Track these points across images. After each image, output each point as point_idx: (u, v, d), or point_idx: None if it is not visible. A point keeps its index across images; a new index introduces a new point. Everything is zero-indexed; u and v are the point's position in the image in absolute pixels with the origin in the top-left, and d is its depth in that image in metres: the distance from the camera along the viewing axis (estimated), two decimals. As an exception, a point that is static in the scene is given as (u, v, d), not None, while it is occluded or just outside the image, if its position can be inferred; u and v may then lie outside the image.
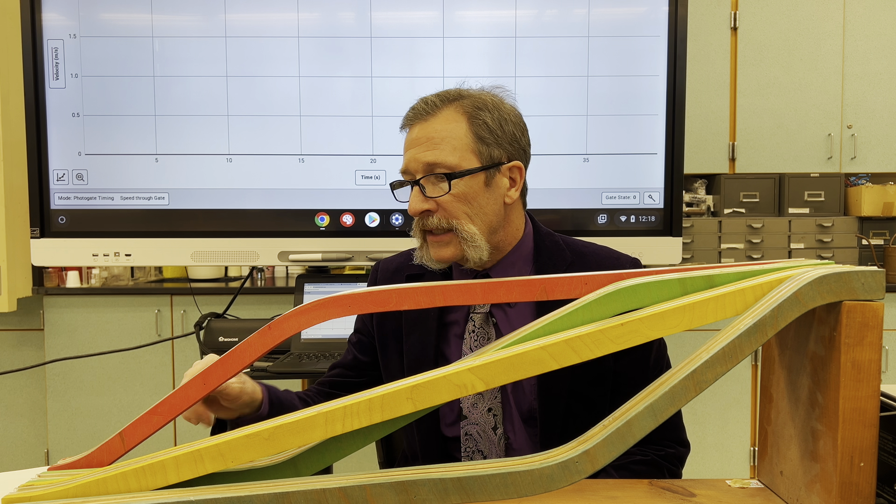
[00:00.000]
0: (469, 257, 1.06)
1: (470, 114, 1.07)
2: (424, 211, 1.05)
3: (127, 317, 2.77)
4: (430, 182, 1.05)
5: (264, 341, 0.84)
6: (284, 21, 1.84)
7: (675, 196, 1.89)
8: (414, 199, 1.06)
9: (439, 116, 1.07)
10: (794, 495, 0.76)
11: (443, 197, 1.04)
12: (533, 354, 0.71)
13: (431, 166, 1.05)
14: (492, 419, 1.07)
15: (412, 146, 1.07)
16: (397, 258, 1.23)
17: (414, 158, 1.06)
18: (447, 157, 1.05)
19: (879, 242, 2.95)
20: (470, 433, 1.08)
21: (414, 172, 1.06)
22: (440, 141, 1.05)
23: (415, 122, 1.08)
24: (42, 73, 1.83)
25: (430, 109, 1.07)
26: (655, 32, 1.86)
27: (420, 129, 1.07)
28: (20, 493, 0.72)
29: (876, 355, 0.67)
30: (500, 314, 1.10)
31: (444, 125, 1.06)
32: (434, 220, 1.05)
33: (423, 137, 1.06)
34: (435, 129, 1.06)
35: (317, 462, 0.79)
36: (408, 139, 1.08)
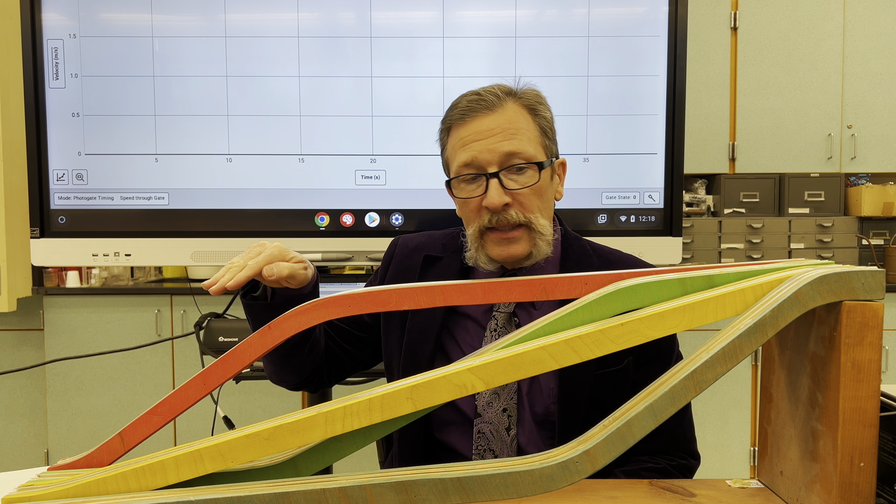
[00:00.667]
0: (537, 253, 1.05)
1: (532, 108, 1.06)
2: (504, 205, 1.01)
3: (127, 317, 2.77)
4: (509, 174, 1.02)
5: (264, 341, 0.84)
6: (284, 21, 1.84)
7: (675, 196, 1.89)
8: (496, 192, 1.01)
9: (507, 108, 1.04)
10: (794, 495, 0.76)
11: (522, 190, 1.02)
12: (533, 354, 0.71)
13: (510, 156, 1.01)
14: (506, 419, 1.06)
15: (482, 137, 1.02)
16: (418, 237, 1.21)
17: (489, 149, 1.01)
18: (526, 147, 1.02)
19: (879, 242, 2.95)
20: (483, 432, 1.07)
21: (486, 165, 1.02)
22: (516, 132, 1.02)
23: (479, 113, 1.03)
24: (42, 73, 1.83)
25: (497, 101, 1.04)
26: (655, 32, 1.86)
27: (490, 120, 1.02)
28: (20, 493, 0.72)
29: (876, 355, 0.67)
30: (524, 315, 1.09)
31: (514, 117, 1.03)
32: (514, 214, 1.02)
33: (496, 128, 1.02)
34: (507, 118, 1.03)
35: (317, 462, 0.79)
36: (470, 131, 1.03)
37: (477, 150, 1.02)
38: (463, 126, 1.05)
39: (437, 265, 1.15)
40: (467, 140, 1.04)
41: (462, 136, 1.05)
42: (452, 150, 1.07)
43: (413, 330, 1.11)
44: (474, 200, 1.04)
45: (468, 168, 1.04)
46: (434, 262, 1.15)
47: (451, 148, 1.08)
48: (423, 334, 1.10)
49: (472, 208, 1.05)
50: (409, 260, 1.17)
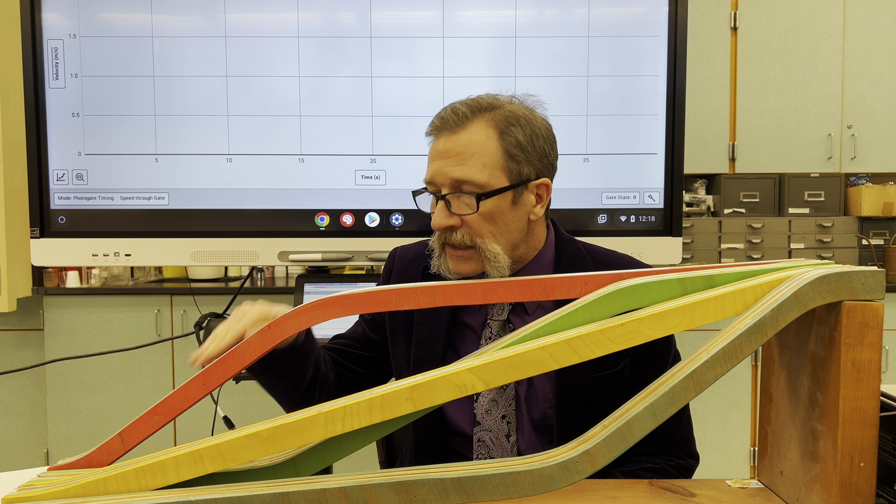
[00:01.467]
0: (489, 274, 1.04)
1: (501, 129, 1.02)
2: (448, 227, 1.02)
3: (127, 317, 2.77)
4: (455, 198, 1.02)
5: (264, 341, 0.84)
6: (284, 21, 1.84)
7: (675, 196, 1.89)
8: (439, 215, 1.02)
9: (469, 129, 1.02)
10: (794, 495, 0.76)
11: (469, 215, 1.02)
12: (533, 354, 0.71)
13: (459, 183, 1.01)
14: (505, 426, 1.07)
15: (438, 158, 1.02)
16: (415, 247, 1.21)
17: (440, 172, 1.01)
18: (476, 174, 1.00)
19: (879, 242, 2.95)
20: (483, 440, 1.07)
21: (439, 185, 1.02)
22: (469, 157, 1.01)
23: (442, 132, 1.03)
24: (42, 73, 1.83)
25: (461, 120, 1.02)
26: (655, 32, 1.86)
27: (448, 141, 1.02)
28: (20, 493, 0.72)
29: (876, 355, 0.67)
30: (518, 322, 1.09)
31: (474, 139, 1.01)
32: (458, 237, 1.02)
33: (451, 151, 1.01)
34: (464, 142, 1.01)
35: (317, 462, 0.79)
36: (434, 149, 1.04)
37: (433, 171, 1.03)
38: (434, 141, 1.06)
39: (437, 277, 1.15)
40: (431, 157, 1.05)
41: (430, 151, 1.06)
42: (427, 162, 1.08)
43: (419, 342, 1.11)
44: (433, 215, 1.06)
45: (430, 185, 1.05)
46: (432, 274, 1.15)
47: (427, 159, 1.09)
48: (429, 346, 1.10)
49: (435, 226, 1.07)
50: (409, 271, 1.18)
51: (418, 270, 1.16)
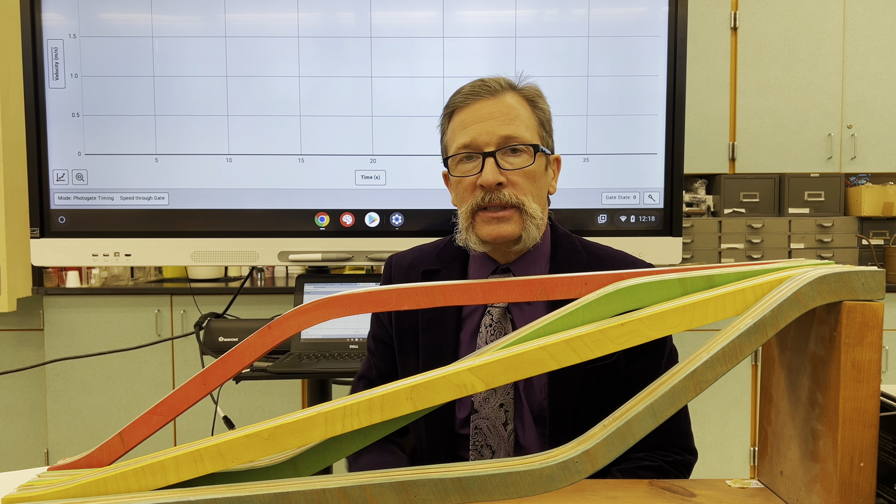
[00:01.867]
0: (527, 237, 1.06)
1: (531, 101, 1.09)
2: (498, 184, 1.04)
3: (127, 317, 2.77)
4: (504, 155, 1.05)
5: (264, 341, 0.84)
6: (284, 21, 1.84)
7: (675, 196, 1.89)
8: (491, 170, 1.03)
9: (508, 96, 1.07)
10: (794, 495, 0.76)
11: (516, 171, 1.05)
12: (533, 354, 0.71)
13: (508, 139, 1.05)
14: (503, 415, 1.07)
15: (483, 119, 1.06)
16: (410, 253, 1.22)
17: (488, 131, 1.05)
18: (524, 132, 1.06)
19: (879, 242, 2.95)
20: (480, 427, 1.08)
21: (483, 146, 1.05)
22: (515, 117, 1.06)
23: (482, 98, 1.07)
24: (42, 73, 1.83)
25: (499, 88, 1.07)
26: (655, 32, 1.86)
27: (491, 105, 1.06)
28: (20, 493, 0.72)
29: (876, 355, 0.67)
30: (516, 310, 1.10)
31: (515, 105, 1.07)
32: (506, 194, 1.04)
33: (496, 112, 1.06)
34: (507, 105, 1.06)
35: (317, 462, 0.79)
36: (471, 114, 1.07)
37: (476, 132, 1.05)
38: (465, 109, 1.08)
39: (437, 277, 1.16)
40: (468, 122, 1.07)
41: (463, 119, 1.08)
42: (452, 134, 1.10)
43: (427, 350, 1.11)
44: (469, 179, 1.06)
45: (466, 148, 1.06)
46: (433, 275, 1.16)
47: (452, 131, 1.10)
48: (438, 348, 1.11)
49: (467, 187, 1.07)
50: (408, 278, 1.18)
51: (417, 275, 1.17)
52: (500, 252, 1.11)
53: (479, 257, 1.13)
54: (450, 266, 1.16)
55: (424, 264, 1.17)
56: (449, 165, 1.10)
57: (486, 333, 1.09)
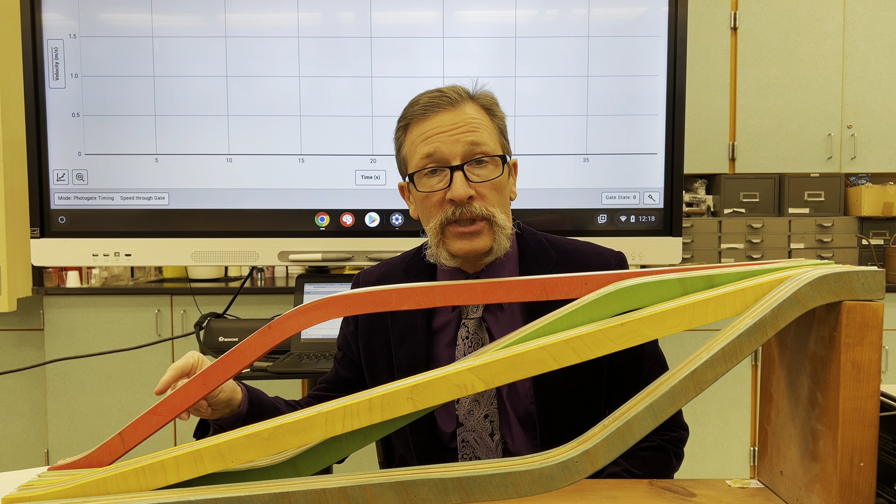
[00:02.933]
0: (497, 247, 1.05)
1: (489, 110, 1.08)
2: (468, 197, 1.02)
3: (127, 317, 2.77)
4: (472, 168, 1.03)
5: (264, 341, 0.84)
6: (284, 21, 1.84)
7: (675, 196, 1.89)
8: (461, 184, 1.01)
9: (467, 107, 1.06)
10: (794, 495, 0.76)
11: (484, 183, 1.03)
12: (533, 354, 0.71)
13: (474, 146, 1.02)
14: (489, 425, 1.07)
15: (445, 131, 1.03)
16: (377, 269, 1.20)
17: (452, 141, 1.02)
18: (488, 141, 1.04)
19: (879, 242, 2.95)
20: (467, 440, 1.07)
21: (449, 158, 1.02)
22: (478, 127, 1.04)
23: (441, 109, 1.04)
24: (42, 73, 1.83)
25: (458, 99, 1.05)
26: (655, 32, 1.86)
27: (453, 116, 1.04)
28: (20, 493, 0.72)
29: (876, 355, 0.67)
30: (491, 318, 1.08)
31: (475, 115, 1.05)
32: (476, 208, 1.02)
33: (458, 122, 1.03)
34: (468, 115, 1.04)
35: (317, 462, 0.79)
36: (432, 126, 1.04)
37: (440, 142, 1.03)
38: (424, 121, 1.05)
39: None
40: (429, 134, 1.04)
41: (424, 130, 1.05)
42: (412, 146, 1.07)
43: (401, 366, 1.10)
44: (437, 194, 1.04)
45: (430, 160, 1.04)
46: None
47: (411, 143, 1.07)
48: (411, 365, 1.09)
49: (435, 202, 1.04)
50: None
51: None
52: (470, 263, 1.09)
53: (448, 270, 1.11)
54: (417, 279, 1.13)
55: (392, 279, 1.14)
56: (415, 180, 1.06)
57: (463, 346, 1.08)
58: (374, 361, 1.13)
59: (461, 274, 1.11)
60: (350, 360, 1.18)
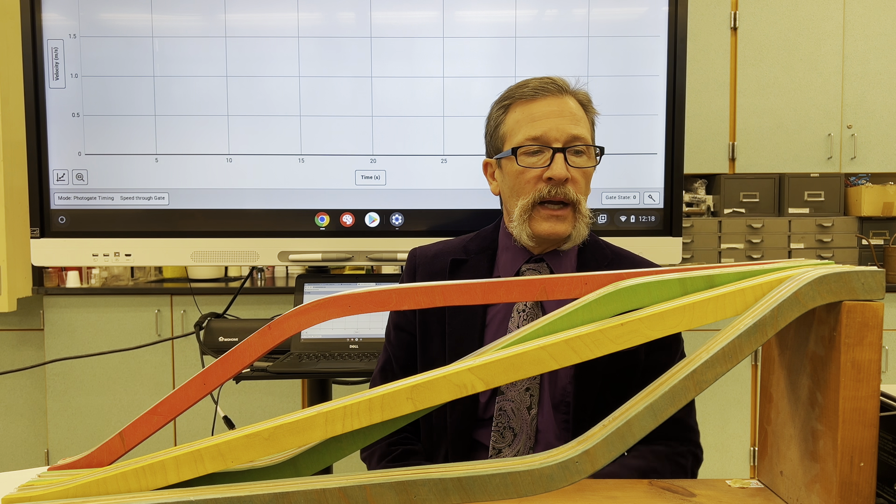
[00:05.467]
0: (576, 235, 1.11)
1: (585, 105, 1.14)
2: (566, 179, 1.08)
3: (127, 317, 2.77)
4: (573, 153, 1.09)
5: (264, 341, 0.84)
6: (284, 21, 1.84)
7: (675, 196, 1.89)
8: (561, 165, 1.07)
9: (570, 98, 1.12)
10: (794, 495, 0.76)
11: (579, 171, 1.09)
12: (533, 354, 0.71)
13: (576, 139, 1.09)
14: (528, 399, 1.09)
15: (552, 116, 1.09)
16: (434, 246, 1.24)
17: (558, 128, 1.08)
18: (587, 134, 1.11)
19: (879, 242, 2.95)
20: (504, 409, 1.09)
21: (552, 141, 1.08)
22: (580, 119, 1.11)
23: (550, 94, 1.10)
24: (42, 73, 1.83)
25: (565, 89, 1.12)
26: (655, 32, 1.86)
27: (556, 103, 1.10)
28: (20, 493, 0.72)
29: (876, 355, 0.67)
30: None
31: (575, 107, 1.11)
32: (570, 191, 1.08)
33: (565, 111, 1.10)
34: (571, 106, 1.11)
35: (317, 462, 0.79)
36: (540, 109, 1.10)
37: (547, 127, 1.09)
38: (532, 103, 1.11)
39: (464, 267, 1.18)
40: (537, 116, 1.10)
41: (531, 111, 1.10)
42: (516, 124, 1.12)
43: (453, 334, 1.12)
44: (535, 171, 1.09)
45: (535, 141, 1.09)
46: (461, 264, 1.18)
47: (515, 122, 1.12)
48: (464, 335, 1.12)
49: (530, 179, 1.10)
50: (433, 266, 1.19)
51: (443, 264, 1.18)
52: (543, 246, 1.14)
53: (513, 247, 1.15)
54: (477, 257, 1.18)
55: (451, 254, 1.19)
56: (517, 155, 1.11)
57: (517, 318, 1.11)
58: (428, 329, 1.15)
59: (525, 253, 1.15)
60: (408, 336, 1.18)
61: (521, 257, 1.15)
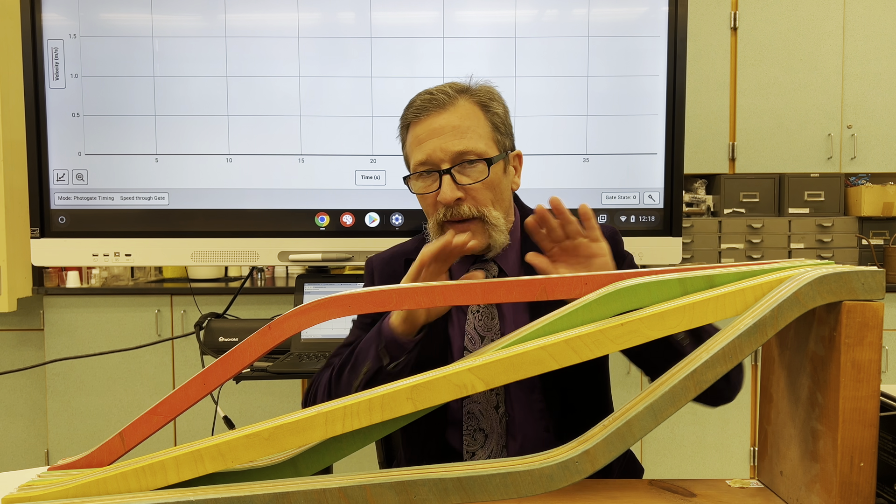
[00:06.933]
0: (494, 244, 1.08)
1: (484, 105, 1.09)
2: (457, 199, 1.05)
3: (127, 317, 2.77)
4: (460, 170, 1.06)
5: (264, 341, 0.84)
6: (284, 21, 1.84)
7: (675, 196, 1.89)
8: (448, 188, 1.05)
9: (458, 107, 1.08)
10: (794, 495, 0.76)
11: (473, 185, 1.06)
12: (533, 354, 0.71)
13: (462, 154, 1.06)
14: (494, 398, 1.09)
15: (434, 136, 1.06)
16: (388, 251, 1.24)
17: (440, 148, 1.05)
18: (476, 144, 1.06)
19: (879, 242, 2.95)
20: (472, 412, 1.10)
21: (438, 162, 1.06)
22: (466, 130, 1.06)
23: (431, 113, 1.07)
24: (42, 73, 1.83)
25: (448, 100, 1.07)
26: (655, 32, 1.86)
27: (440, 119, 1.07)
28: (20, 493, 0.72)
29: (876, 355, 0.67)
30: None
31: (465, 115, 1.07)
32: (466, 209, 1.06)
33: (447, 127, 1.06)
34: (457, 117, 1.07)
35: (317, 462, 0.79)
36: (424, 130, 1.07)
37: (430, 149, 1.06)
38: (418, 125, 1.09)
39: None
40: (422, 138, 1.08)
41: (417, 134, 1.09)
42: (410, 148, 1.11)
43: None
44: (430, 195, 1.08)
45: (423, 166, 1.08)
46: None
47: (409, 145, 1.12)
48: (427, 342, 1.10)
49: (430, 202, 1.09)
50: (389, 268, 1.20)
51: (399, 264, 1.18)
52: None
53: None
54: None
55: (406, 255, 1.19)
56: (409, 182, 1.12)
57: (473, 319, 1.11)
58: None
59: (468, 259, 1.14)
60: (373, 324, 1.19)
61: (467, 260, 1.14)
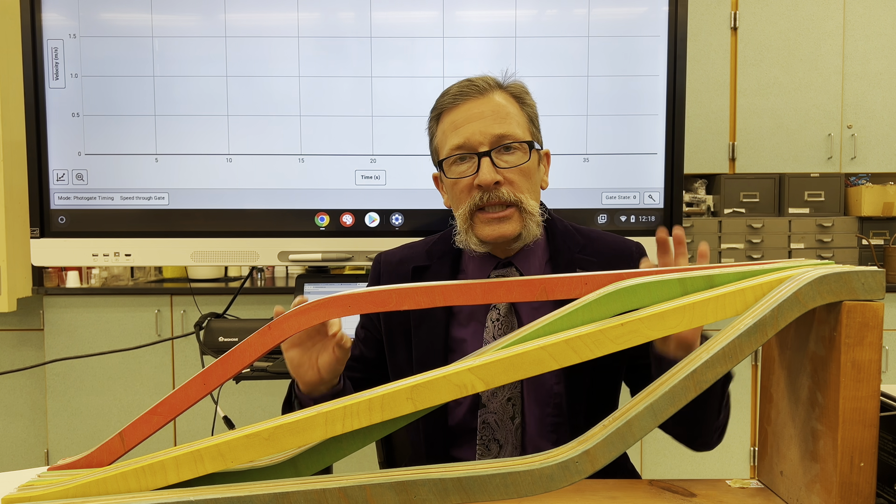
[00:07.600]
0: (526, 234, 1.07)
1: (519, 98, 1.10)
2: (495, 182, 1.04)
3: (127, 317, 2.77)
4: (500, 154, 1.05)
5: (264, 341, 0.84)
6: (284, 21, 1.84)
7: (675, 196, 1.89)
8: (488, 170, 1.04)
9: (497, 95, 1.08)
10: (794, 495, 0.76)
11: (512, 170, 1.05)
12: (533, 354, 0.71)
13: (501, 138, 1.05)
14: (510, 409, 1.08)
15: (474, 119, 1.06)
16: (399, 251, 1.22)
17: (481, 131, 1.05)
18: (516, 129, 1.06)
19: (879, 242, 2.95)
20: (488, 422, 1.08)
21: (477, 145, 1.05)
22: (506, 115, 1.06)
23: (470, 97, 1.07)
24: (42, 73, 1.83)
25: (487, 87, 1.08)
26: (655, 32, 1.86)
27: (480, 104, 1.06)
28: (20, 493, 0.72)
29: (876, 355, 0.67)
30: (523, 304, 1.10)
31: (504, 103, 1.07)
32: (504, 193, 1.04)
33: (487, 111, 1.06)
34: (497, 103, 1.07)
35: (317, 462, 0.79)
36: (461, 115, 1.07)
37: (469, 133, 1.05)
38: (454, 110, 1.08)
39: (427, 274, 1.16)
40: (459, 123, 1.07)
41: (454, 119, 1.07)
42: (443, 135, 1.09)
43: (420, 345, 1.11)
44: (465, 180, 1.06)
45: (460, 150, 1.06)
46: (423, 271, 1.16)
47: (442, 133, 1.10)
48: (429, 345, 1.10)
49: (463, 188, 1.07)
50: (397, 273, 1.18)
51: (406, 271, 1.16)
52: (500, 249, 1.11)
53: (479, 256, 1.12)
54: (440, 262, 1.15)
55: (414, 261, 1.17)
56: (444, 168, 1.10)
57: (493, 328, 1.09)
58: (394, 341, 1.14)
59: (492, 259, 1.12)
60: (374, 338, 1.18)
61: (488, 264, 1.12)
